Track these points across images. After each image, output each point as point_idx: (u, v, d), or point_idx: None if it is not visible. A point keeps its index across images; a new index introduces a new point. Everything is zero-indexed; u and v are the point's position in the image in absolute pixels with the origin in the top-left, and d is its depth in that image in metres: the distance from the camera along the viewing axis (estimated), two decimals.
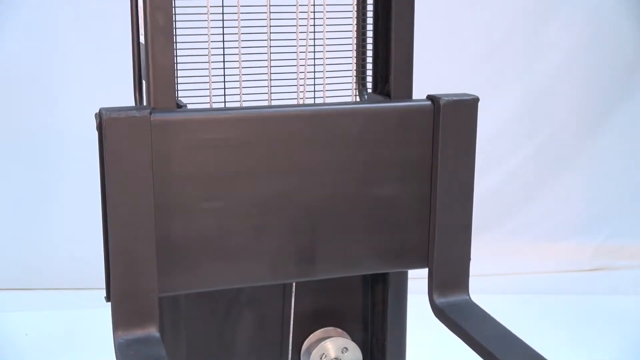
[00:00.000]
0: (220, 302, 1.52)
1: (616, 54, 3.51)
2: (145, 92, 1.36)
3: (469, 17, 3.42)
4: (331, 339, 1.58)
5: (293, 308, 1.55)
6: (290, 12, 1.46)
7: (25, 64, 3.19)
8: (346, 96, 1.52)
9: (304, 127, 1.36)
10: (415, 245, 1.46)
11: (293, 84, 1.49)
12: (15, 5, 3.13)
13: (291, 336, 1.57)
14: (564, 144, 3.58)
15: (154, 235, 1.30)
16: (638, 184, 3.65)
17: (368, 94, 1.55)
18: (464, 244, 1.47)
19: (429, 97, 1.42)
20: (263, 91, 1.48)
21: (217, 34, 1.43)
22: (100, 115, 1.25)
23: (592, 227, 3.63)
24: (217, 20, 1.43)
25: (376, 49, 1.50)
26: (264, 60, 1.46)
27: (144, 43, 1.33)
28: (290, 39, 1.47)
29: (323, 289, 1.57)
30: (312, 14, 1.47)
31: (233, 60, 1.45)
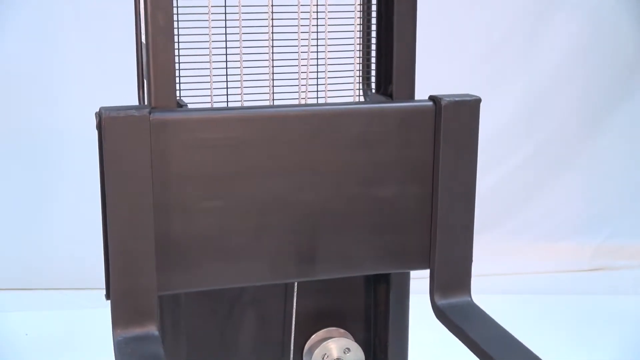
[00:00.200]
0: (222, 302, 1.52)
1: (616, 54, 3.51)
2: (146, 92, 1.36)
3: (469, 17, 3.42)
4: (333, 339, 1.57)
5: (295, 308, 1.55)
6: (292, 12, 1.45)
7: (25, 64, 3.18)
8: (349, 96, 1.52)
9: (305, 127, 1.36)
10: (417, 246, 1.45)
11: (296, 84, 1.49)
12: (15, 5, 3.12)
13: (293, 336, 1.56)
14: (564, 144, 3.58)
15: (153, 234, 1.30)
16: (638, 184, 3.65)
17: (371, 94, 1.54)
18: (465, 245, 1.46)
19: (430, 97, 1.42)
20: (265, 91, 1.47)
21: (219, 33, 1.43)
22: (99, 115, 1.26)
23: (592, 227, 3.63)
24: (219, 20, 1.43)
25: (379, 49, 1.50)
26: (266, 60, 1.46)
27: (145, 43, 1.34)
28: (293, 39, 1.47)
29: (325, 289, 1.56)
30: (314, 14, 1.47)
31: (234, 60, 1.45)
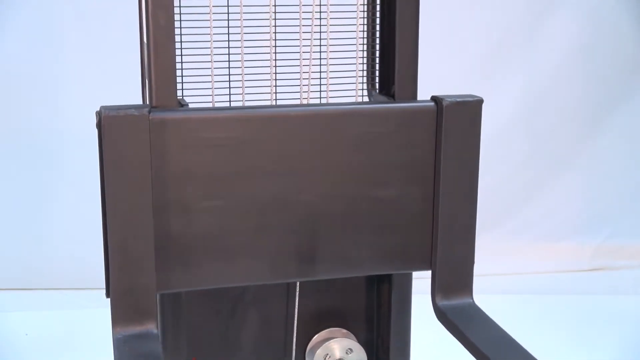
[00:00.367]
0: (224, 302, 1.52)
1: (616, 54, 3.51)
2: (147, 91, 1.36)
3: (469, 17, 3.41)
4: (336, 339, 1.57)
5: (297, 308, 1.54)
6: (295, 12, 1.45)
7: (25, 64, 3.18)
8: (351, 97, 1.52)
9: (305, 127, 1.36)
10: (418, 247, 1.44)
11: (298, 84, 1.48)
12: (15, 5, 3.12)
13: (295, 336, 1.56)
14: (564, 144, 3.58)
15: (153, 233, 1.30)
16: (638, 184, 3.64)
17: (374, 95, 1.54)
18: (467, 246, 1.45)
19: (432, 98, 1.41)
20: (267, 91, 1.47)
21: (221, 33, 1.43)
22: (99, 114, 1.26)
23: (592, 227, 3.63)
24: (221, 20, 1.43)
25: (382, 50, 1.49)
26: (268, 60, 1.46)
27: (146, 42, 1.34)
28: (296, 39, 1.46)
29: (329, 289, 1.56)
30: (318, 14, 1.47)
31: (236, 60, 1.45)
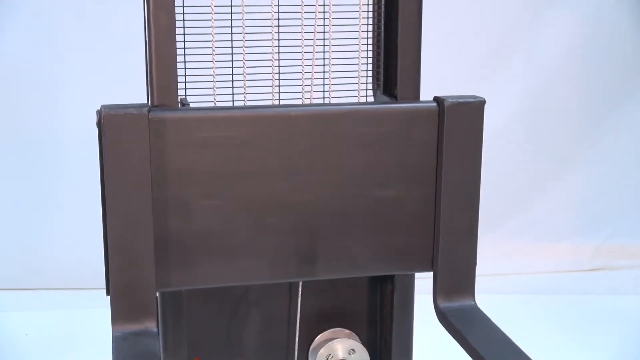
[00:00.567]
0: (226, 302, 1.52)
1: (616, 54, 3.51)
2: (149, 90, 1.36)
3: (469, 17, 3.42)
4: (338, 339, 1.57)
5: (299, 308, 1.54)
6: (297, 12, 1.45)
7: (25, 64, 3.19)
8: (354, 97, 1.51)
9: (306, 127, 1.36)
10: (420, 248, 1.44)
11: (302, 84, 1.48)
12: (15, 5, 3.13)
13: (297, 336, 1.56)
14: (564, 143, 3.58)
15: (152, 231, 1.30)
16: (638, 184, 3.65)
17: (378, 95, 1.54)
18: (469, 248, 1.44)
19: (435, 98, 1.41)
20: (270, 90, 1.47)
21: (223, 33, 1.43)
22: (100, 112, 1.27)
23: (592, 227, 3.63)
24: (224, 20, 1.43)
25: (386, 50, 1.49)
26: (269, 60, 1.46)
27: (147, 42, 1.34)
28: (298, 39, 1.46)
29: (332, 290, 1.56)
30: (320, 13, 1.46)
31: (238, 60, 1.45)
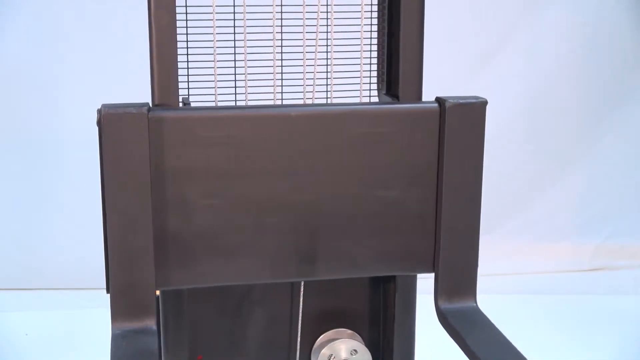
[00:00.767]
0: (227, 301, 1.52)
1: (616, 54, 3.51)
2: (150, 90, 1.37)
3: (469, 16, 3.42)
4: (341, 340, 1.56)
5: (301, 308, 1.54)
6: (299, 12, 1.45)
7: (25, 64, 3.19)
8: (356, 97, 1.51)
9: (307, 127, 1.36)
10: (421, 249, 1.43)
11: (303, 84, 1.48)
12: (15, 5, 3.13)
13: (299, 336, 1.56)
14: (564, 144, 3.58)
15: (152, 230, 1.31)
16: (638, 184, 3.65)
17: (381, 95, 1.54)
18: (471, 249, 1.43)
19: (437, 99, 1.41)
20: (272, 90, 1.47)
21: (225, 32, 1.43)
22: (100, 111, 1.28)
23: (592, 227, 3.63)
24: (226, 19, 1.43)
25: (388, 51, 1.49)
26: (271, 60, 1.46)
27: (148, 42, 1.35)
28: (300, 39, 1.46)
29: (335, 290, 1.56)
30: (323, 13, 1.46)
31: (240, 60, 1.45)
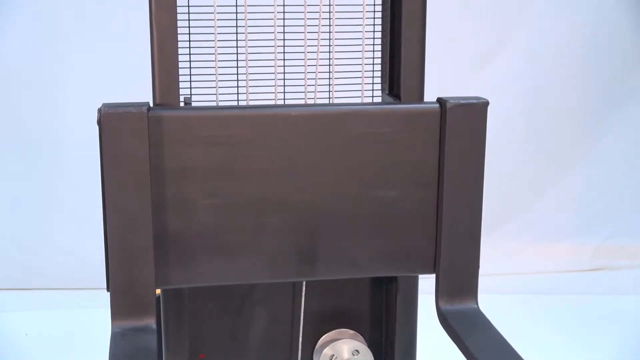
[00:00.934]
0: (229, 301, 1.53)
1: (616, 54, 3.51)
2: (152, 90, 1.37)
3: (469, 16, 3.42)
4: (342, 340, 1.56)
5: (303, 308, 1.54)
6: (301, 12, 1.45)
7: (25, 64, 3.19)
8: (358, 97, 1.51)
9: (307, 127, 1.36)
10: (422, 249, 1.43)
11: (305, 84, 1.48)
12: (15, 5, 3.13)
13: (301, 336, 1.56)
14: (564, 144, 3.58)
15: (152, 229, 1.31)
16: (638, 184, 3.65)
17: (383, 95, 1.54)
18: (472, 250, 1.43)
19: (438, 99, 1.40)
20: (273, 90, 1.47)
21: (227, 32, 1.43)
22: (100, 110, 1.28)
23: (592, 227, 3.63)
24: (228, 19, 1.43)
25: (391, 51, 1.49)
26: (272, 59, 1.46)
27: (150, 42, 1.35)
28: (301, 39, 1.46)
29: (338, 290, 1.56)
30: (325, 14, 1.46)
31: (242, 60, 1.45)
